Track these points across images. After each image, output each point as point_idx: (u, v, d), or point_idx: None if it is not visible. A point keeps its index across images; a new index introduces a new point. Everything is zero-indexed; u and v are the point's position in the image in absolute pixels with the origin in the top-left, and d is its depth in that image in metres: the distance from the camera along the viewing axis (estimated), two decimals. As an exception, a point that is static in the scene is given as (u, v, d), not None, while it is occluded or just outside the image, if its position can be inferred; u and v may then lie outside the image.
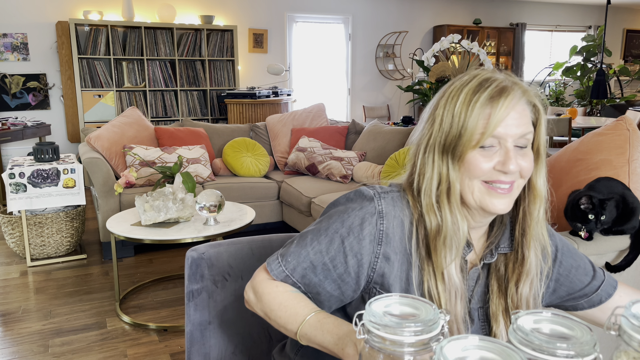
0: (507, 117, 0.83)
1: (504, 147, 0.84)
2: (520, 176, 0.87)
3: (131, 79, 5.79)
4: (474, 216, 0.90)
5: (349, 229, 0.89)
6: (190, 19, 6.25)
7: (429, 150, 0.88)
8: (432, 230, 0.87)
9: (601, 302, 1.00)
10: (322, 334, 0.82)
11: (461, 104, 0.84)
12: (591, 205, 1.70)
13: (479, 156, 0.84)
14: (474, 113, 0.83)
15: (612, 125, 2.05)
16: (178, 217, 2.60)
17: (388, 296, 0.68)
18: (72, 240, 3.55)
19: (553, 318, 0.64)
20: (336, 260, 0.89)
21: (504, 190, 0.86)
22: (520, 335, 0.59)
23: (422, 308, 0.66)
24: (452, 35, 4.25)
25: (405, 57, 7.70)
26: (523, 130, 0.84)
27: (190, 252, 1.22)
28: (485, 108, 0.83)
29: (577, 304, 1.02)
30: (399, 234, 0.89)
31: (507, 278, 0.92)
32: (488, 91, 0.84)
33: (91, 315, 2.71)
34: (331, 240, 0.90)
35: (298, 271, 0.91)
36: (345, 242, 0.89)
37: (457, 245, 0.87)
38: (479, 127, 0.83)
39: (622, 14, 9.46)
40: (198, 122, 4.34)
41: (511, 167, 0.83)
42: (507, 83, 0.85)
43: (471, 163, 0.85)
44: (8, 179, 3.25)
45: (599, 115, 7.59)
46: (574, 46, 7.93)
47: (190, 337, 1.22)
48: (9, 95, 5.54)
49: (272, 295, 0.91)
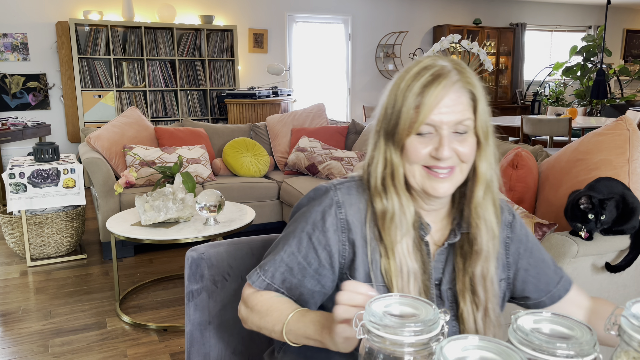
0: (439, 105, 0.84)
1: (439, 134, 0.86)
2: (461, 160, 0.88)
3: (131, 79, 5.79)
4: (423, 199, 0.93)
5: (313, 225, 0.93)
6: (190, 19, 6.25)
7: (377, 135, 0.92)
8: (379, 212, 0.91)
9: (560, 297, 1.01)
10: (305, 325, 0.84)
11: (400, 91, 0.87)
12: (591, 205, 1.69)
13: (416, 142, 0.87)
14: (407, 101, 0.86)
15: (612, 125, 2.05)
16: (178, 217, 2.60)
17: (388, 296, 0.68)
18: (72, 240, 3.55)
19: (553, 318, 0.64)
20: (309, 257, 0.93)
21: (445, 175, 0.88)
22: (520, 335, 0.59)
23: (422, 308, 0.66)
24: (452, 35, 4.25)
25: (405, 57, 7.69)
26: (459, 117, 0.85)
27: (190, 252, 1.22)
28: (418, 96, 0.85)
29: (540, 301, 1.02)
30: (359, 220, 0.93)
31: (469, 257, 0.94)
32: (423, 79, 0.85)
33: (91, 315, 2.71)
34: (300, 240, 0.94)
35: (277, 277, 0.94)
36: (313, 238, 0.93)
37: (405, 225, 0.90)
38: (412, 115, 0.85)
39: (622, 14, 9.46)
40: (198, 122, 4.34)
41: (444, 153, 0.85)
42: (443, 70, 0.86)
43: (408, 149, 0.87)
44: (8, 179, 3.25)
45: (599, 115, 7.58)
46: (574, 46, 7.92)
47: (190, 337, 1.22)
48: (9, 95, 5.54)
49: (260, 304, 0.93)
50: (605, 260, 1.78)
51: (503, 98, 8.61)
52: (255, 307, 0.94)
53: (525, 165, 2.21)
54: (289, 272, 0.94)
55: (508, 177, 2.22)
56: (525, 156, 2.23)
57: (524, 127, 5.10)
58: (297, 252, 0.94)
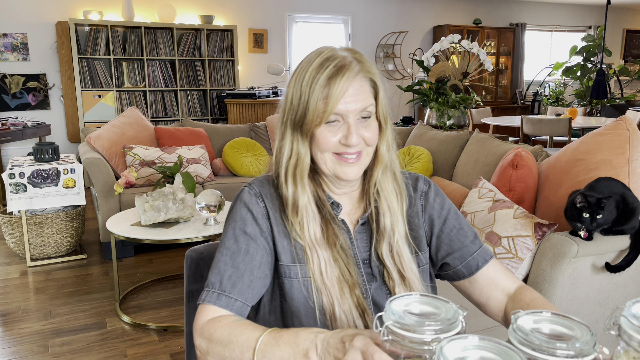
0: (345, 95, 0.89)
1: (347, 122, 0.91)
2: (367, 144, 0.94)
3: (131, 79, 5.79)
4: (334, 183, 0.98)
5: (242, 220, 0.96)
6: (190, 19, 6.25)
7: (283, 127, 0.95)
8: (285, 199, 0.95)
9: (477, 267, 1.02)
10: (280, 347, 0.77)
11: (306, 83, 0.90)
12: (586, 204, 1.69)
13: (325, 132, 0.91)
14: (314, 93, 0.89)
15: (612, 125, 2.05)
16: (178, 217, 2.60)
17: (407, 295, 0.68)
18: (72, 240, 3.55)
19: (553, 318, 0.64)
20: (250, 249, 0.93)
21: (354, 160, 0.93)
22: (520, 335, 0.59)
23: (442, 307, 0.66)
24: (452, 35, 4.25)
25: (405, 57, 7.69)
26: (363, 105, 0.91)
27: (190, 252, 1.22)
28: (324, 88, 0.89)
29: (457, 269, 1.03)
30: (277, 209, 0.97)
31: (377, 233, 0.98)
32: (327, 71, 0.89)
33: (91, 315, 2.71)
34: (235, 238, 0.95)
35: (226, 283, 0.91)
36: (247, 229, 0.94)
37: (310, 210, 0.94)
38: (320, 106, 0.89)
39: (622, 14, 9.46)
40: (198, 122, 4.34)
41: (353, 140, 0.90)
42: (345, 62, 0.90)
43: (319, 138, 0.92)
44: (8, 179, 3.25)
45: (599, 115, 7.58)
46: (574, 46, 7.92)
47: (190, 337, 1.22)
48: (9, 95, 5.54)
49: (219, 331, 0.85)
50: (605, 260, 1.78)
51: (503, 98, 8.61)
52: (213, 337, 0.84)
53: (525, 165, 2.21)
54: (236, 272, 0.92)
55: (508, 177, 2.22)
56: (525, 156, 2.23)
57: (524, 127, 5.10)
58: (236, 250, 0.93)
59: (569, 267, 1.73)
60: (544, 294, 1.75)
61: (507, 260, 1.86)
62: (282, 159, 0.95)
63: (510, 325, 0.62)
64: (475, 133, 3.26)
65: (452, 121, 4.16)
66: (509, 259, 1.86)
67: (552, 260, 1.74)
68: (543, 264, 1.77)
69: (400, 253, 0.97)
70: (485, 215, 2.05)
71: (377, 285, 0.97)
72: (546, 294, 1.75)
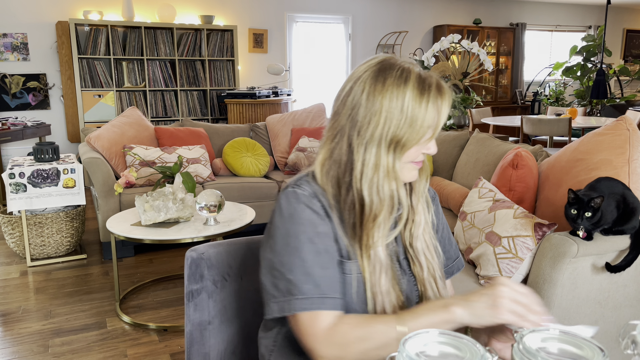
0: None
1: (435, 134, 0.95)
2: None
3: (131, 79, 5.79)
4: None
5: (310, 221, 0.93)
6: (190, 19, 6.25)
7: (371, 141, 0.92)
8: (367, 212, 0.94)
9: (452, 273, 1.13)
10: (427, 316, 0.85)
11: (411, 101, 0.90)
12: (574, 200, 1.69)
13: (418, 146, 0.95)
14: (428, 111, 0.91)
15: (612, 125, 2.05)
16: (178, 217, 2.60)
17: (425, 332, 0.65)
18: (72, 240, 3.55)
19: (561, 337, 0.63)
20: (329, 248, 0.93)
21: (419, 164, 0.99)
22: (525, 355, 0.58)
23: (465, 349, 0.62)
24: (452, 35, 4.25)
25: (406, 57, 7.67)
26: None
27: (190, 252, 1.22)
28: (435, 106, 0.91)
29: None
30: (329, 207, 0.97)
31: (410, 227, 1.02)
32: (433, 90, 0.92)
33: (91, 315, 2.71)
34: (311, 240, 0.92)
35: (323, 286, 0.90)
36: (319, 229, 0.93)
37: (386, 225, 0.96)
38: (432, 123, 0.92)
39: (622, 14, 9.46)
40: (198, 122, 4.34)
41: (435, 150, 0.97)
42: (438, 81, 0.94)
43: (411, 152, 0.94)
44: (8, 179, 3.25)
45: (599, 115, 7.58)
46: (574, 46, 7.92)
47: (190, 337, 1.22)
48: (9, 95, 5.54)
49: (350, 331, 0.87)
50: (605, 260, 1.78)
51: (503, 98, 8.61)
52: (348, 338, 0.86)
53: (525, 165, 2.20)
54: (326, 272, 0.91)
55: (508, 177, 2.22)
56: (525, 156, 2.23)
57: (524, 127, 5.10)
58: (316, 251, 0.91)
59: (569, 267, 1.73)
60: (544, 294, 1.75)
61: (507, 260, 1.86)
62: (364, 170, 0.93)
63: (515, 344, 0.60)
64: (475, 133, 3.26)
65: (452, 121, 4.16)
66: (509, 259, 1.86)
67: (552, 260, 1.74)
68: (543, 264, 1.77)
69: (429, 244, 1.03)
70: (485, 215, 2.05)
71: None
72: (546, 294, 1.75)
